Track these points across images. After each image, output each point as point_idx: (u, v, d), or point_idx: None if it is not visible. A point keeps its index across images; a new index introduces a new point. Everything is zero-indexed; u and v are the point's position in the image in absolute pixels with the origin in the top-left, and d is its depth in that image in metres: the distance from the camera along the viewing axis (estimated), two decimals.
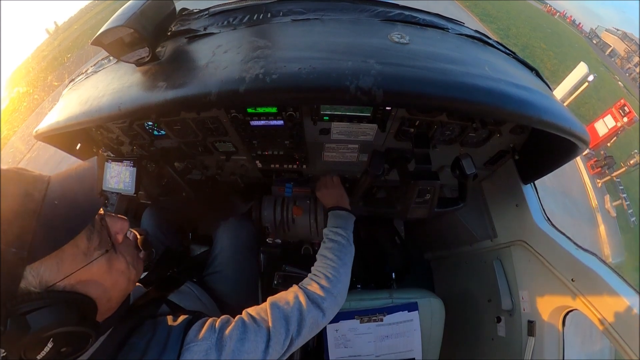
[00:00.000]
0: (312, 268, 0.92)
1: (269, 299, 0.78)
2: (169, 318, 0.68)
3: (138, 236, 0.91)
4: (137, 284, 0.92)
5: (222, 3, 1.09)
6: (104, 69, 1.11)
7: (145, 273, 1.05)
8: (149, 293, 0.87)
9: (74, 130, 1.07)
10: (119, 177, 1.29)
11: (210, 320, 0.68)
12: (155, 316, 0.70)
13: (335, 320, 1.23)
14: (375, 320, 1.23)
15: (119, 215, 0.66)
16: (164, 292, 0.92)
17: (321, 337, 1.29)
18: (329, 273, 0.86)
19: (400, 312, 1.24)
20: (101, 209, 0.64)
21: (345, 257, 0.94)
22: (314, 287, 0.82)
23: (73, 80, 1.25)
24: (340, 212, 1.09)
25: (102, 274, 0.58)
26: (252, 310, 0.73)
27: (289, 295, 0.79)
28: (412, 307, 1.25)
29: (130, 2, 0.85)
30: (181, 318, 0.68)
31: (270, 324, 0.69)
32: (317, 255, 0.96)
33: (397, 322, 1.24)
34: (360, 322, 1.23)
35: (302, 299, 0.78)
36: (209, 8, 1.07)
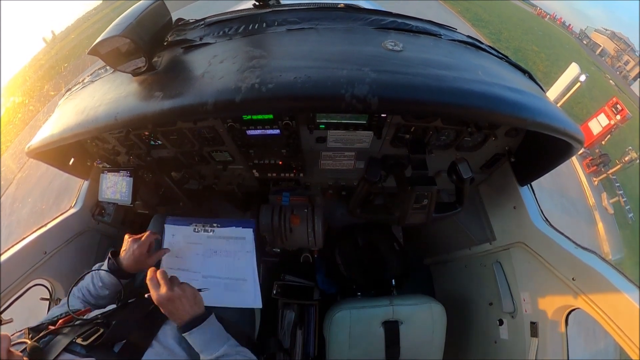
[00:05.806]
0: None
1: None
2: None
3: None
4: None
5: (217, 13, 1.10)
6: (100, 79, 1.11)
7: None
8: None
9: (67, 144, 1.06)
10: (116, 187, 1.28)
11: None
12: None
13: (178, 223, 1.23)
14: (206, 231, 1.20)
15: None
16: None
17: (323, 345, 1.24)
18: None
19: (234, 227, 1.20)
20: None
21: None
22: None
23: (69, 89, 1.24)
24: (203, 329, 0.81)
25: None
26: None
27: None
28: (248, 224, 1.20)
29: (126, 12, 0.86)
30: None
31: None
32: None
33: (228, 236, 1.19)
34: (195, 230, 1.20)
35: None
36: (205, 18, 1.08)
